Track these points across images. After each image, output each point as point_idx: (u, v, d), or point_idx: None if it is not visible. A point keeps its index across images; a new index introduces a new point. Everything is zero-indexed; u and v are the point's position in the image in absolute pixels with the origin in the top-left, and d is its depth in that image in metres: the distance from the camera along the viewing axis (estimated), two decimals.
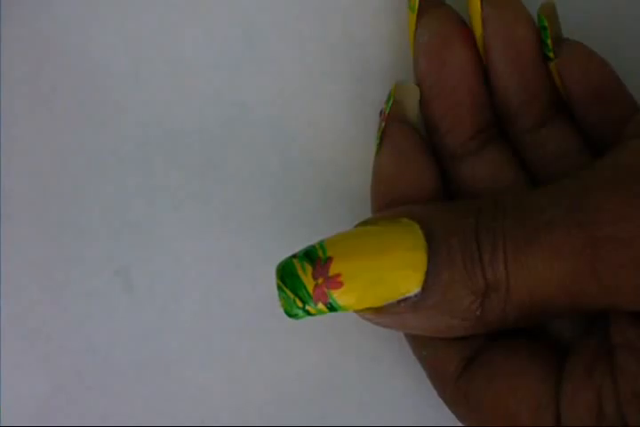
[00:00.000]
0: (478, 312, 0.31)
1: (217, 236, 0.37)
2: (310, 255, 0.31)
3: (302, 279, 0.31)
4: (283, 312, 0.31)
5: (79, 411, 0.36)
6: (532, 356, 0.32)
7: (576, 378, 0.31)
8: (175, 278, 0.36)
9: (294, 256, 0.31)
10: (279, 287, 0.31)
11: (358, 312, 0.32)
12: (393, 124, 0.34)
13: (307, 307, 0.31)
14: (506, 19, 0.34)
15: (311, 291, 0.31)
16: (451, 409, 0.33)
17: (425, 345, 0.33)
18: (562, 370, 0.31)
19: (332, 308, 0.31)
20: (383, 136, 0.34)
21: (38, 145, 0.37)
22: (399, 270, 0.30)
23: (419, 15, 0.35)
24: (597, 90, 0.34)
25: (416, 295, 0.30)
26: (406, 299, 0.31)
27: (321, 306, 0.31)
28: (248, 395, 0.36)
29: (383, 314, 0.31)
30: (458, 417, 0.33)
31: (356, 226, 0.32)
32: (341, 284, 0.30)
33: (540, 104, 0.34)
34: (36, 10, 0.37)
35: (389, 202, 0.34)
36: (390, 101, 0.35)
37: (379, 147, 0.34)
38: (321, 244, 0.31)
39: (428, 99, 0.35)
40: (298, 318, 0.31)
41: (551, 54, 0.34)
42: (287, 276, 0.31)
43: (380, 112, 0.35)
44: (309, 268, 0.31)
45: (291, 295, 0.31)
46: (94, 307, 0.36)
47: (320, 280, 0.30)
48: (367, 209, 0.35)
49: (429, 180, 0.34)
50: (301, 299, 0.31)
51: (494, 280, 0.30)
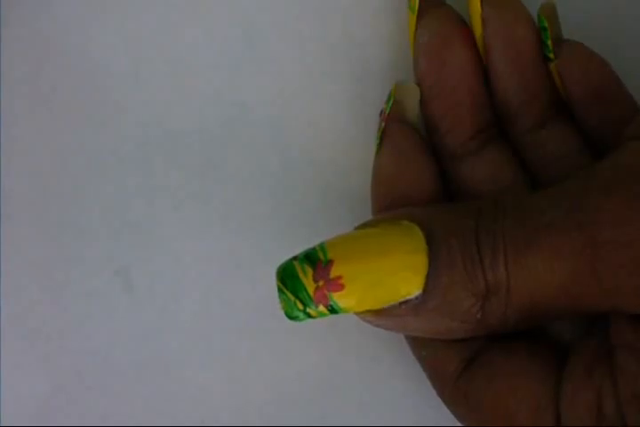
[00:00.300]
0: (479, 315, 0.31)
1: (217, 236, 0.37)
2: (311, 257, 0.31)
3: (303, 281, 0.31)
4: (283, 313, 0.32)
5: (79, 411, 0.36)
6: (532, 356, 0.32)
7: (576, 378, 0.31)
8: (175, 278, 0.36)
9: (295, 258, 0.31)
10: (280, 290, 0.31)
11: (359, 314, 0.32)
12: (393, 124, 0.34)
13: (307, 309, 0.31)
14: (506, 19, 0.34)
15: (312, 293, 0.31)
16: (450, 409, 0.33)
17: (425, 346, 0.33)
18: (562, 371, 0.31)
19: (333, 310, 0.31)
20: (383, 136, 0.34)
21: (38, 145, 0.37)
22: (400, 273, 0.30)
23: (419, 15, 0.35)
24: (597, 90, 0.34)
25: (417, 298, 0.31)
26: (407, 301, 0.31)
27: (322, 308, 0.31)
28: (248, 395, 0.36)
29: (383, 316, 0.31)
30: (457, 417, 0.33)
31: (357, 228, 0.32)
32: (342, 286, 0.30)
33: (540, 104, 0.34)
34: (36, 10, 0.37)
35: (389, 202, 0.34)
36: (390, 101, 0.35)
37: (379, 147, 0.34)
38: (321, 246, 0.31)
39: (428, 99, 0.35)
40: (298, 321, 0.31)
41: (551, 55, 0.34)
42: (288, 278, 0.31)
43: (381, 112, 0.35)
44: (310, 270, 0.31)
45: (291, 298, 0.31)
46: (94, 307, 0.36)
47: (321, 282, 0.30)
48: (367, 209, 0.35)
49: (429, 180, 0.34)
50: (302, 301, 0.31)
51: (495, 282, 0.30)
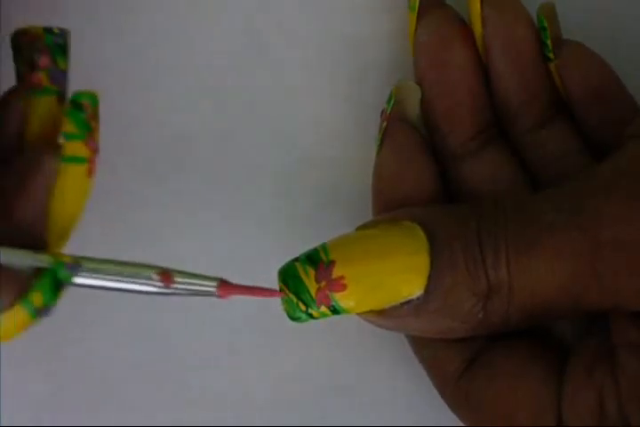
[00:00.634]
0: (480, 315, 0.31)
1: (217, 236, 0.37)
2: (313, 258, 0.31)
3: (305, 282, 0.31)
4: (283, 313, 0.32)
5: (79, 411, 0.36)
6: (533, 356, 0.32)
7: (577, 378, 0.31)
8: None
9: (296, 259, 0.31)
10: (281, 291, 0.31)
11: (360, 315, 0.32)
12: (394, 124, 0.34)
13: (309, 310, 0.31)
14: (506, 19, 0.34)
15: (314, 294, 0.31)
16: (451, 409, 0.33)
17: (426, 346, 0.34)
18: (563, 371, 0.31)
19: (335, 311, 0.31)
20: (384, 136, 0.34)
21: None
22: (401, 273, 0.30)
23: (419, 15, 0.35)
24: (597, 91, 0.34)
25: (418, 298, 0.31)
26: (409, 302, 0.31)
27: (324, 309, 0.31)
28: (248, 395, 0.36)
29: (386, 317, 0.31)
30: (458, 417, 0.33)
31: (358, 229, 0.32)
32: (344, 286, 0.30)
33: (540, 104, 0.34)
34: (37, 10, 0.37)
35: (390, 202, 0.34)
36: (391, 101, 0.35)
37: (379, 147, 0.35)
38: (323, 247, 0.31)
39: (429, 99, 0.35)
40: (300, 322, 0.31)
41: (551, 55, 0.34)
42: (290, 279, 0.31)
43: (382, 112, 0.35)
44: (312, 271, 0.31)
45: (293, 299, 0.31)
46: (94, 307, 0.36)
47: (323, 283, 0.30)
48: (368, 209, 0.35)
49: (430, 180, 0.34)
50: (304, 302, 0.31)
51: (496, 283, 0.30)
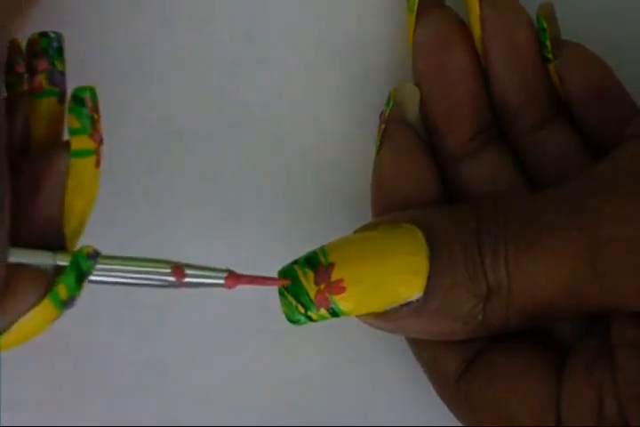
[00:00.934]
0: (480, 316, 0.31)
1: (217, 236, 0.37)
2: (312, 261, 0.31)
3: (304, 285, 0.31)
4: (283, 314, 0.32)
5: (79, 411, 0.36)
6: (533, 357, 0.32)
7: (577, 377, 0.31)
8: None
9: (295, 262, 0.31)
10: (281, 293, 0.31)
11: (360, 317, 0.32)
12: (393, 125, 0.34)
13: (309, 313, 0.31)
14: (505, 20, 0.34)
15: (313, 297, 0.31)
16: (451, 410, 0.33)
17: (426, 347, 0.34)
18: (562, 371, 0.32)
19: (335, 313, 0.31)
20: (383, 137, 0.34)
21: None
22: (401, 275, 0.30)
23: (418, 16, 0.35)
24: (597, 91, 0.34)
25: (418, 300, 0.31)
26: (408, 304, 0.31)
27: (323, 312, 0.31)
28: (248, 395, 0.36)
29: (385, 319, 0.31)
30: (458, 418, 0.33)
31: (357, 231, 0.32)
32: (344, 289, 0.30)
33: (540, 105, 0.34)
34: (36, 10, 0.37)
35: (390, 203, 0.34)
36: (390, 103, 0.35)
37: (379, 148, 0.35)
38: (322, 249, 0.31)
39: (428, 100, 0.35)
40: (300, 324, 0.31)
41: (550, 56, 0.34)
42: None
43: (381, 114, 0.35)
44: (311, 273, 0.31)
45: (293, 301, 0.31)
46: (94, 307, 0.36)
47: (322, 286, 0.30)
48: (367, 209, 0.35)
49: (429, 180, 0.34)
50: (303, 305, 0.31)
51: (496, 284, 0.30)
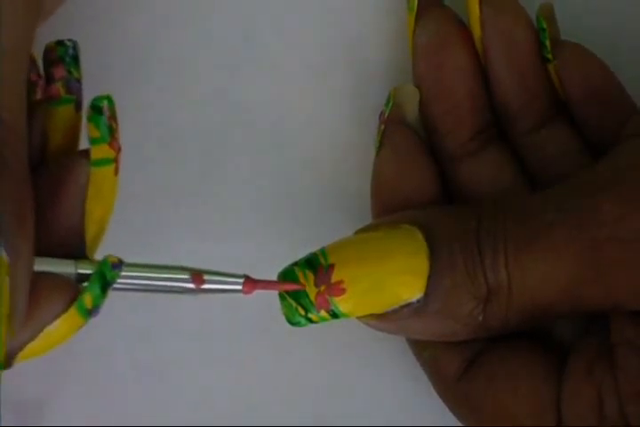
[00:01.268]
0: (480, 317, 0.31)
1: (217, 236, 0.37)
2: (312, 263, 0.31)
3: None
4: (283, 316, 0.32)
5: (79, 411, 0.36)
6: (533, 356, 0.32)
7: (576, 376, 0.31)
8: None
9: (295, 264, 0.31)
10: (281, 295, 0.31)
11: (361, 319, 0.32)
12: (393, 126, 0.34)
13: (309, 314, 0.31)
14: (505, 20, 0.34)
15: (313, 298, 0.31)
16: (451, 410, 0.34)
17: (426, 347, 0.34)
18: (562, 370, 0.32)
19: (335, 315, 0.31)
20: (383, 138, 0.34)
21: None
22: (401, 276, 0.30)
23: (417, 16, 0.35)
24: (596, 91, 0.34)
25: (418, 301, 0.31)
26: (409, 305, 0.31)
27: (323, 313, 0.31)
28: (248, 395, 0.36)
29: (386, 320, 0.31)
30: (459, 418, 0.33)
31: (357, 232, 0.32)
32: (344, 290, 0.30)
33: (540, 105, 0.34)
34: None
35: (390, 204, 0.34)
36: (390, 104, 0.35)
37: (379, 149, 0.35)
38: (322, 251, 0.31)
39: (427, 100, 0.35)
40: (300, 326, 0.31)
41: (550, 56, 0.34)
42: None
43: (380, 114, 0.35)
44: (311, 275, 0.31)
45: (293, 303, 0.31)
46: None
47: (322, 287, 0.31)
48: (367, 210, 0.35)
49: (429, 181, 0.34)
50: (303, 307, 0.31)
51: (496, 285, 0.30)
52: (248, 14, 0.37)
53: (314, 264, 0.31)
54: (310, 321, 0.31)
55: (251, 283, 0.30)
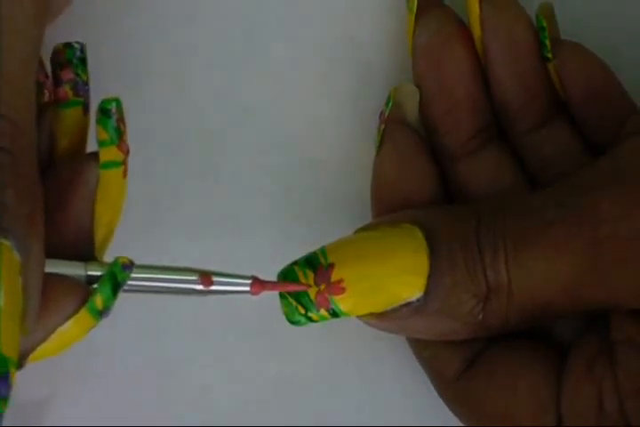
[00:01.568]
0: (480, 316, 0.31)
1: (217, 236, 0.37)
2: (312, 262, 0.31)
3: None
4: (283, 315, 0.32)
5: (79, 411, 0.36)
6: (533, 355, 0.32)
7: (577, 374, 0.31)
8: None
9: (295, 263, 0.31)
10: (281, 294, 0.31)
11: (361, 318, 0.32)
12: (393, 125, 0.34)
13: (309, 313, 0.31)
14: (504, 20, 0.34)
15: (313, 297, 0.31)
16: (451, 409, 0.34)
17: (426, 346, 0.34)
18: (562, 368, 0.32)
19: (335, 314, 0.31)
20: (383, 138, 0.34)
21: None
22: (401, 275, 0.31)
23: (417, 16, 0.35)
24: (596, 90, 0.34)
25: (418, 300, 0.31)
26: (409, 304, 0.31)
27: (323, 312, 0.31)
28: (248, 395, 0.36)
29: (386, 319, 0.31)
30: (459, 417, 0.33)
31: (357, 231, 0.32)
32: (344, 289, 0.30)
33: (540, 104, 0.34)
34: None
35: (390, 203, 0.34)
36: (390, 103, 0.35)
37: (379, 148, 0.35)
38: (322, 250, 0.31)
39: (427, 100, 0.35)
40: (300, 325, 0.31)
41: (550, 55, 0.34)
42: None
43: (380, 114, 0.35)
44: (311, 274, 0.31)
45: (293, 302, 0.31)
46: None
47: (322, 286, 0.31)
48: (367, 209, 0.35)
49: (430, 181, 0.34)
50: (304, 306, 0.31)
51: (496, 283, 0.30)
52: (248, 14, 0.37)
53: (314, 263, 0.31)
54: (310, 320, 0.31)
55: (259, 284, 0.30)
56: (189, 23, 0.37)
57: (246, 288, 0.30)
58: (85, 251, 0.29)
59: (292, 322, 0.31)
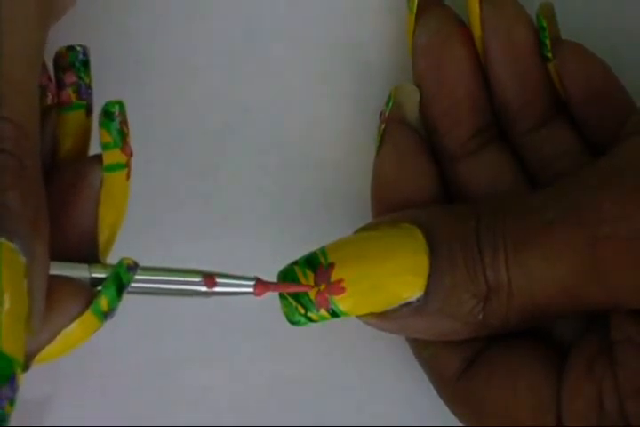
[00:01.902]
0: (480, 316, 0.31)
1: (217, 236, 0.37)
2: (312, 262, 0.31)
3: None
4: (283, 315, 0.32)
5: (79, 411, 0.36)
6: (533, 354, 0.32)
7: (577, 373, 0.31)
8: None
9: (295, 263, 0.31)
10: (281, 294, 0.31)
11: (361, 318, 0.32)
12: (393, 125, 0.34)
13: (309, 313, 0.31)
14: (505, 19, 0.34)
15: (313, 297, 0.31)
16: (451, 410, 0.34)
17: (426, 346, 0.34)
18: (562, 368, 0.32)
19: (335, 314, 0.31)
20: (383, 137, 0.34)
21: None
22: (401, 275, 0.31)
23: (417, 15, 0.35)
24: (596, 90, 0.34)
25: (418, 300, 0.31)
26: (408, 304, 0.31)
27: (323, 312, 0.31)
28: (248, 395, 0.36)
29: (386, 319, 0.31)
30: (459, 417, 0.33)
31: (357, 231, 0.32)
32: (344, 289, 0.30)
33: (540, 104, 0.34)
34: None
35: (390, 203, 0.34)
36: (390, 103, 0.35)
37: (379, 148, 0.35)
38: (322, 250, 0.31)
39: (427, 99, 0.35)
40: (300, 325, 0.31)
41: (550, 55, 0.34)
42: None
43: (380, 114, 0.35)
44: (311, 274, 0.31)
45: (293, 302, 0.31)
46: None
47: (322, 286, 0.31)
48: (367, 209, 0.35)
49: (430, 181, 0.34)
50: (303, 305, 0.31)
51: (496, 283, 0.30)
52: (248, 14, 0.37)
53: (314, 263, 0.31)
54: (310, 320, 0.31)
55: (262, 285, 0.30)
56: (189, 23, 0.37)
57: (250, 289, 0.30)
58: (89, 253, 0.29)
59: (292, 322, 0.31)
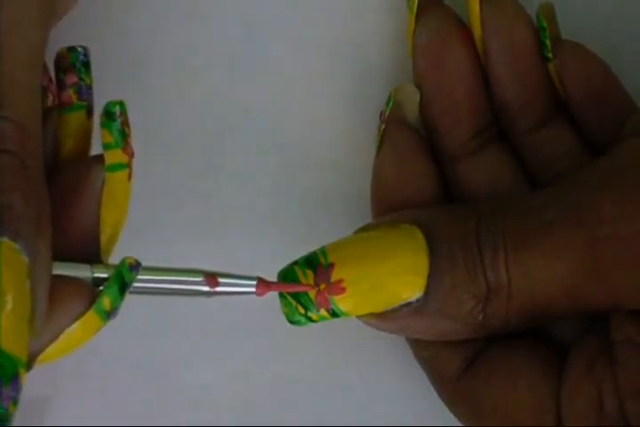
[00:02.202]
0: (480, 317, 0.31)
1: (217, 236, 0.37)
2: (312, 262, 0.31)
3: None
4: (283, 315, 0.32)
5: (79, 411, 0.36)
6: (533, 354, 0.32)
7: (576, 374, 0.31)
8: None
9: (295, 263, 0.31)
10: (281, 294, 0.31)
11: (361, 318, 0.32)
12: (393, 125, 0.34)
13: (309, 313, 0.31)
14: (505, 19, 0.34)
15: (313, 297, 0.31)
16: (451, 410, 0.34)
17: (426, 346, 0.34)
18: (562, 368, 0.32)
19: (335, 314, 0.31)
20: (383, 138, 0.34)
21: None
22: (401, 276, 0.31)
23: (417, 15, 0.35)
24: (596, 90, 0.34)
25: (418, 300, 0.31)
26: (408, 304, 0.31)
27: (323, 312, 0.31)
28: (248, 395, 0.36)
29: (386, 319, 0.31)
30: (458, 418, 0.33)
31: (357, 231, 0.32)
32: (344, 289, 0.30)
33: (540, 104, 0.34)
34: None
35: (390, 203, 0.34)
36: (390, 103, 0.35)
37: (379, 148, 0.35)
38: (322, 250, 0.31)
39: (427, 99, 0.35)
40: (300, 325, 0.31)
41: (550, 55, 0.34)
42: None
43: (380, 114, 0.35)
44: (311, 274, 0.31)
45: (293, 302, 0.31)
46: None
47: (322, 286, 0.31)
48: (367, 209, 0.35)
49: (430, 180, 0.34)
50: (303, 305, 0.31)
51: (496, 283, 0.30)
52: (248, 14, 0.37)
53: (314, 263, 0.31)
54: (310, 320, 0.31)
55: (264, 285, 0.30)
56: (189, 23, 0.37)
57: (252, 289, 0.30)
58: (91, 253, 0.30)
59: (292, 322, 0.31)
